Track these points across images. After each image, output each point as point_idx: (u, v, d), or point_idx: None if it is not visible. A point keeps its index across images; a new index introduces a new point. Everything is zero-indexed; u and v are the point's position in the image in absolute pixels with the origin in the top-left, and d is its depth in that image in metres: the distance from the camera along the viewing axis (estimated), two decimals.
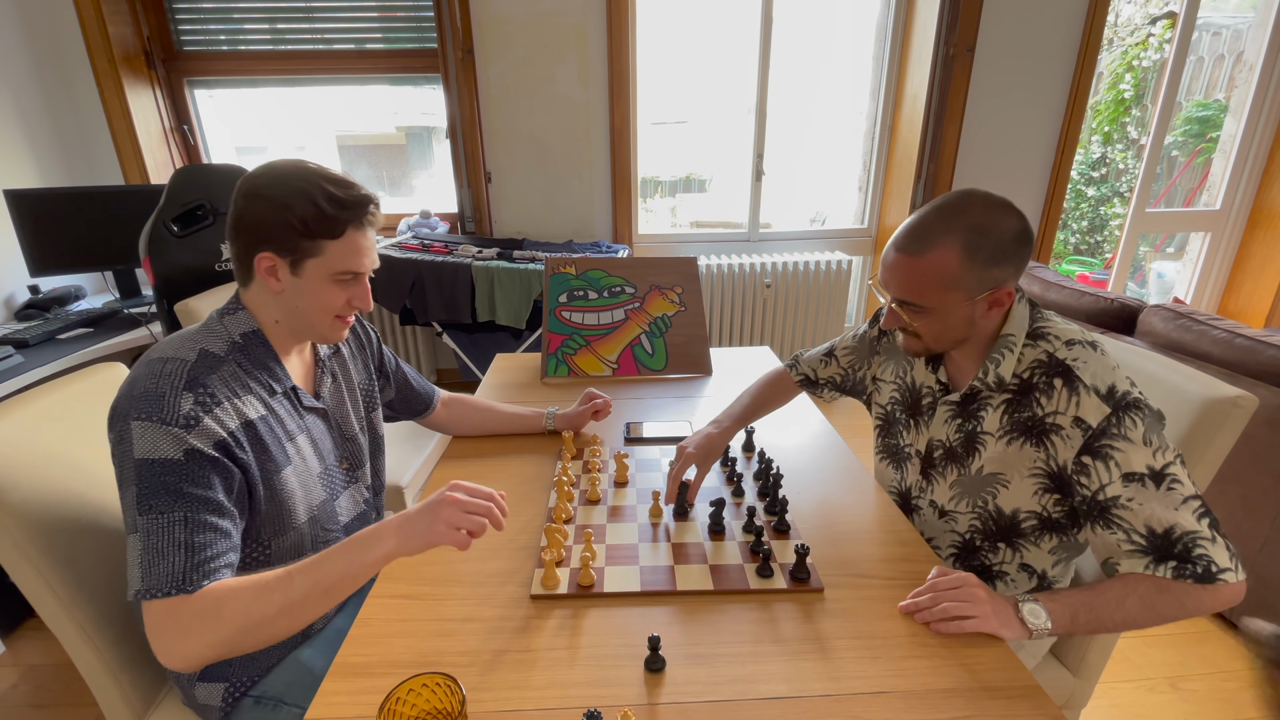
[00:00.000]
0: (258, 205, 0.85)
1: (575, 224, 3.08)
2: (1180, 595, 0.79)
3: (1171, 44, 3.15)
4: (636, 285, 1.69)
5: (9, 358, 1.81)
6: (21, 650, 1.72)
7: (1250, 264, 3.41)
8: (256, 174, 0.87)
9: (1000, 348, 0.92)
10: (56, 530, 0.90)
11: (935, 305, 0.88)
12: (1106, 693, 1.54)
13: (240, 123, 3.08)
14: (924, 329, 0.92)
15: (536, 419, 1.33)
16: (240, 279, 0.92)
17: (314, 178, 0.86)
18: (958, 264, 0.85)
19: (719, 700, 0.71)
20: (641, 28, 2.91)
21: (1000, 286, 0.87)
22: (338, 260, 0.89)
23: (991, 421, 0.94)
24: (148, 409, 0.77)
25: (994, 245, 0.84)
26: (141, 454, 0.76)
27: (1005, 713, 0.69)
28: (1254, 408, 0.93)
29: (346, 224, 0.88)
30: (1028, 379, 0.90)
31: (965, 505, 1.00)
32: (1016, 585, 1.02)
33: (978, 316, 0.90)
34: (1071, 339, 0.89)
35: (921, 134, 2.97)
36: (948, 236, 0.85)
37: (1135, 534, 0.81)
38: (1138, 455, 0.81)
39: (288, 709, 0.89)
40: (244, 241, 0.87)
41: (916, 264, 0.87)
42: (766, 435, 1.33)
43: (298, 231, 0.85)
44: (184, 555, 0.74)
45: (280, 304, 0.91)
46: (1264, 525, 1.58)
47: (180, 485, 0.76)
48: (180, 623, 0.73)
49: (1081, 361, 0.86)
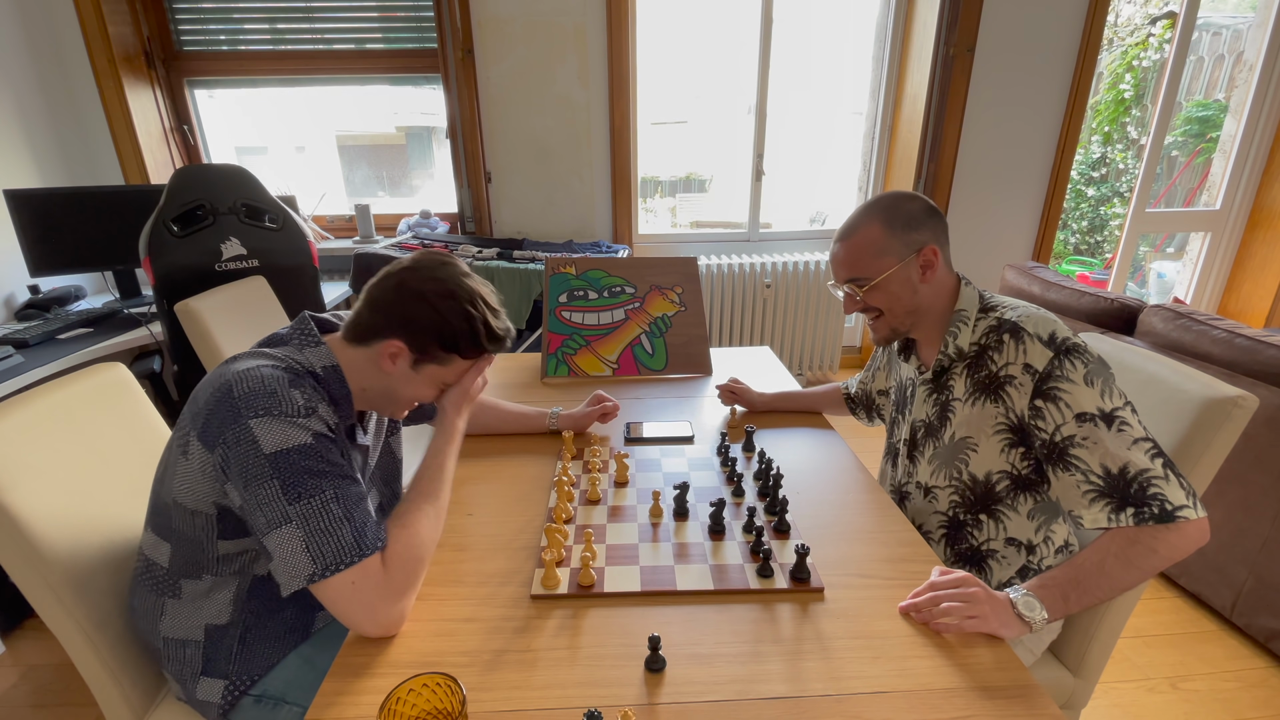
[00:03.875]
0: (417, 307, 0.88)
1: (575, 224, 3.08)
2: (1149, 541, 0.83)
3: (1171, 44, 3.15)
4: (636, 285, 1.69)
5: (9, 358, 1.80)
6: (21, 650, 1.72)
7: (1250, 264, 3.42)
8: (424, 269, 0.90)
9: (956, 322, 1.03)
10: (57, 530, 0.90)
11: (874, 273, 1.02)
12: (1106, 693, 1.54)
13: (240, 123, 3.08)
14: (875, 300, 1.04)
15: (540, 418, 1.33)
16: (350, 335, 0.92)
17: (479, 303, 0.91)
18: (881, 233, 1.01)
19: (719, 700, 0.71)
20: (641, 28, 2.91)
21: (924, 246, 1.01)
22: (455, 374, 0.95)
23: (959, 388, 1.03)
24: (264, 406, 0.79)
25: (906, 216, 1.02)
26: (273, 448, 0.78)
27: (1005, 713, 0.69)
28: (1254, 408, 0.93)
29: (484, 352, 0.95)
30: (983, 343, 1.00)
31: (943, 479, 1.07)
32: (1008, 562, 1.03)
33: (915, 279, 1.02)
34: (1017, 305, 1.00)
35: (921, 134, 2.97)
36: (867, 218, 1.04)
37: (1093, 475, 0.87)
38: (1085, 396, 0.88)
39: (289, 708, 0.89)
40: (384, 322, 0.89)
41: (850, 244, 1.04)
42: (767, 435, 1.33)
43: (441, 345, 0.90)
44: (349, 527, 0.78)
45: (377, 380, 0.92)
46: (1264, 525, 1.58)
47: (319, 466, 0.79)
48: (381, 584, 0.78)
49: (1024, 315, 0.96)
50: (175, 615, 0.90)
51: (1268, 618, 1.61)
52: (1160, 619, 1.77)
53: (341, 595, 0.76)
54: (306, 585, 0.76)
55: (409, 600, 0.81)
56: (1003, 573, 1.04)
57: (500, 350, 0.96)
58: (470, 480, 1.17)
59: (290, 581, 0.76)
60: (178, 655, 0.91)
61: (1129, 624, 1.69)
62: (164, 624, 0.90)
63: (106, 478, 1.02)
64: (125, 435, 1.09)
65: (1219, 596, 1.72)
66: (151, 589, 0.91)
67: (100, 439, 1.04)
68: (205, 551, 0.87)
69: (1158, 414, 1.01)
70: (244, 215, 1.98)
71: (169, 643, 0.91)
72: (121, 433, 1.09)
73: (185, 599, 0.90)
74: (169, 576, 0.90)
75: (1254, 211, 3.37)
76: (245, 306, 1.82)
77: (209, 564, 0.88)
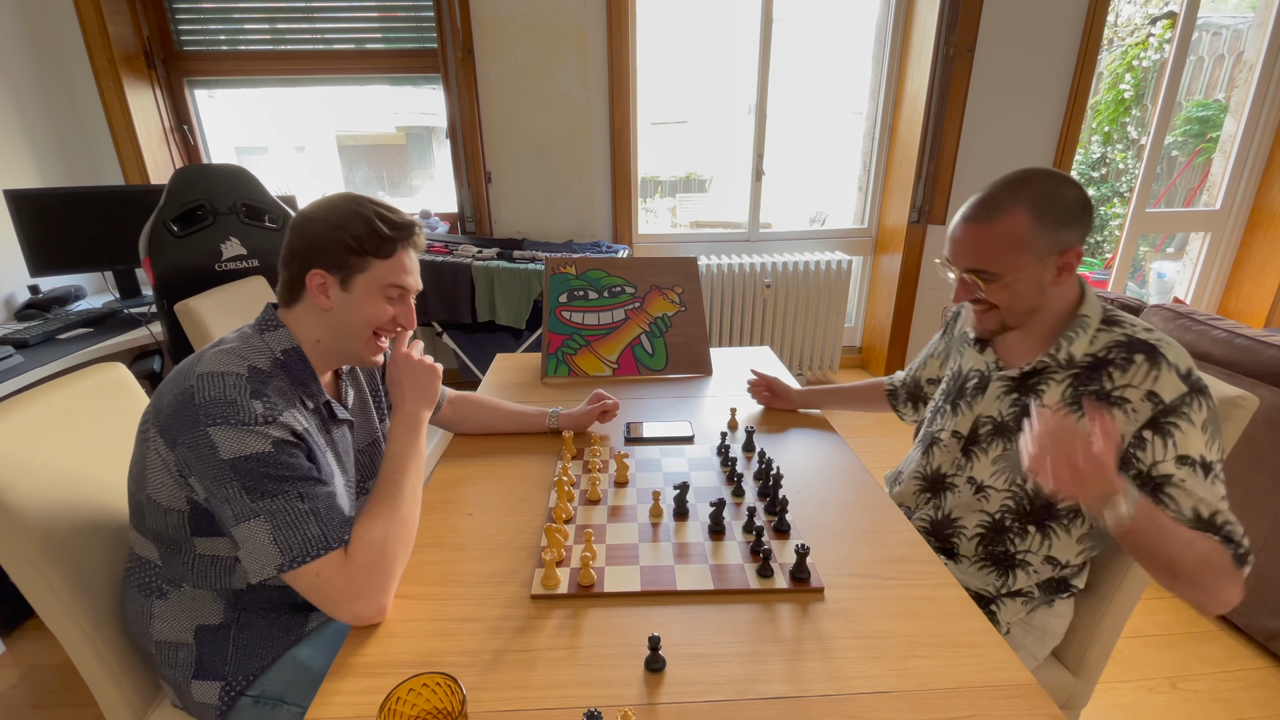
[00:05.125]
0: (311, 228, 0.91)
1: (575, 224, 3.08)
2: (1219, 569, 0.81)
3: (1171, 44, 3.15)
4: (636, 285, 1.69)
5: (9, 358, 1.81)
6: (21, 650, 1.72)
7: (1250, 264, 3.42)
8: (309, 205, 0.94)
9: (1076, 327, 0.94)
10: (57, 530, 0.90)
11: (1007, 270, 0.90)
12: (1106, 693, 1.54)
13: (240, 123, 3.08)
14: (997, 296, 0.93)
15: (541, 418, 1.33)
16: (285, 300, 0.95)
17: (365, 202, 0.93)
18: (1028, 227, 0.88)
19: (719, 700, 0.71)
20: (641, 28, 2.91)
21: (1069, 248, 0.90)
22: (386, 275, 0.94)
23: (1052, 395, 0.96)
24: (222, 414, 0.80)
25: (1060, 209, 0.88)
26: (230, 454, 0.79)
27: (1005, 713, 0.69)
28: (1254, 408, 0.93)
29: (396, 243, 0.93)
30: (1102, 356, 0.92)
31: (1003, 482, 1.02)
32: (1038, 574, 1.02)
33: (1047, 281, 0.92)
34: (1150, 328, 0.92)
35: (921, 134, 2.97)
36: (1016, 203, 0.89)
37: (1182, 516, 0.84)
38: (1195, 440, 0.84)
39: (287, 708, 0.89)
40: (297, 264, 0.92)
41: (987, 231, 0.90)
42: (767, 436, 1.33)
43: (350, 249, 0.90)
44: (315, 521, 0.80)
45: (326, 322, 0.94)
46: (1264, 525, 1.58)
47: (280, 471, 0.80)
48: (344, 578, 0.80)
49: (1166, 343, 0.89)
50: (164, 618, 0.90)
51: (1268, 618, 1.61)
52: (1160, 619, 1.77)
53: (311, 586, 0.79)
54: (276, 575, 0.78)
55: (381, 597, 0.81)
56: (1025, 580, 1.02)
57: (407, 237, 0.94)
58: (470, 480, 1.17)
59: (259, 570, 0.79)
60: (170, 658, 0.91)
61: (1129, 624, 1.69)
62: (154, 627, 0.91)
63: (106, 478, 1.02)
64: (125, 435, 1.09)
65: None
66: (140, 590, 0.91)
67: (100, 439, 1.04)
68: (182, 549, 0.88)
69: None
70: (244, 215, 1.98)
71: (161, 646, 0.91)
72: (121, 433, 1.08)
73: (172, 600, 0.90)
74: (158, 574, 0.90)
75: (1254, 211, 3.37)
76: (245, 306, 1.82)
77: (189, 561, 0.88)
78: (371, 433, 1.12)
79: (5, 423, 0.91)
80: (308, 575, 0.79)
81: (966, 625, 0.81)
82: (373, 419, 1.13)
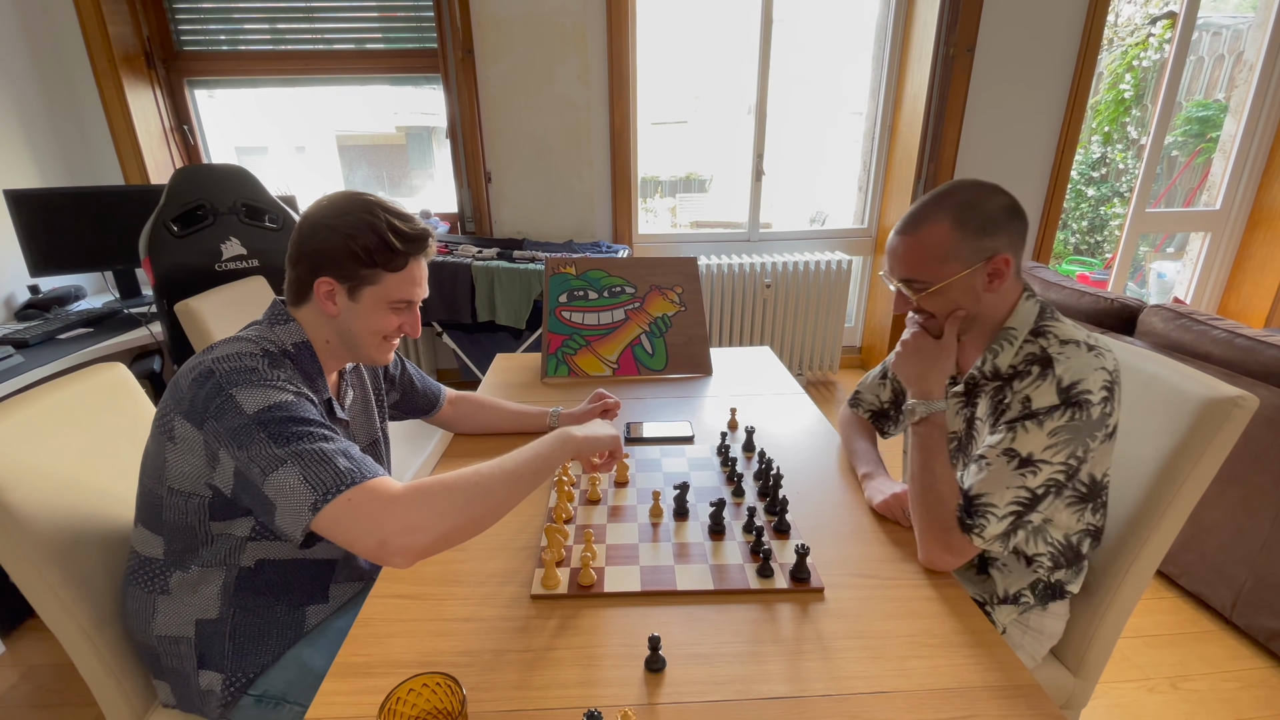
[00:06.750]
0: (322, 234, 0.90)
1: (575, 224, 3.08)
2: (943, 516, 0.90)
3: (1171, 44, 3.15)
4: (636, 285, 1.69)
5: (9, 358, 1.81)
6: (21, 650, 1.72)
7: (1250, 264, 3.42)
8: (320, 205, 0.92)
9: (1001, 339, 0.96)
10: (57, 530, 0.90)
11: (934, 278, 0.93)
12: (1106, 693, 1.54)
13: (240, 123, 3.08)
14: (930, 304, 0.96)
15: (540, 418, 1.33)
16: (294, 299, 0.95)
17: (377, 209, 0.91)
18: (951, 235, 0.91)
19: (719, 700, 0.71)
20: (641, 28, 2.91)
21: (996, 254, 0.92)
22: (394, 289, 0.93)
23: (983, 408, 0.99)
24: (244, 378, 0.81)
25: (982, 217, 0.91)
26: (254, 408, 0.79)
27: (1005, 713, 0.69)
28: (1254, 408, 0.93)
29: (407, 257, 0.93)
30: (1020, 369, 0.94)
31: None
32: (1009, 571, 1.02)
33: (980, 288, 0.94)
34: (1070, 339, 0.91)
35: (921, 134, 2.97)
36: (939, 213, 0.92)
37: (965, 475, 0.93)
38: (1034, 441, 0.87)
39: (289, 707, 0.89)
40: (305, 267, 0.91)
41: (914, 240, 0.94)
42: (767, 435, 1.33)
43: (360, 261, 0.90)
44: (344, 458, 0.77)
45: (333, 326, 0.95)
46: (1264, 525, 1.58)
47: (304, 414, 0.80)
48: (380, 502, 0.74)
49: (1066, 357, 0.89)
50: (166, 612, 0.90)
51: (1268, 618, 1.61)
52: (1160, 619, 1.77)
53: (342, 514, 0.73)
54: (313, 517, 0.73)
55: (416, 535, 0.73)
56: (1005, 581, 1.03)
57: (419, 250, 0.94)
58: None
59: (296, 519, 0.74)
60: (173, 651, 0.91)
61: (1129, 624, 1.69)
62: (156, 623, 0.91)
63: (106, 478, 1.02)
64: (125, 435, 1.09)
65: (1219, 596, 1.72)
66: (143, 587, 0.91)
67: (100, 439, 1.04)
68: (197, 535, 0.88)
69: (1158, 414, 1.01)
70: (244, 215, 1.98)
71: (163, 640, 0.91)
72: (121, 433, 1.09)
73: (175, 594, 0.90)
74: (162, 570, 0.90)
75: (1254, 211, 3.37)
76: (245, 306, 1.82)
77: (202, 545, 0.89)
78: (372, 433, 1.13)
79: (5, 423, 0.91)
80: (339, 505, 0.73)
81: (966, 625, 0.81)
82: (373, 419, 1.13)
